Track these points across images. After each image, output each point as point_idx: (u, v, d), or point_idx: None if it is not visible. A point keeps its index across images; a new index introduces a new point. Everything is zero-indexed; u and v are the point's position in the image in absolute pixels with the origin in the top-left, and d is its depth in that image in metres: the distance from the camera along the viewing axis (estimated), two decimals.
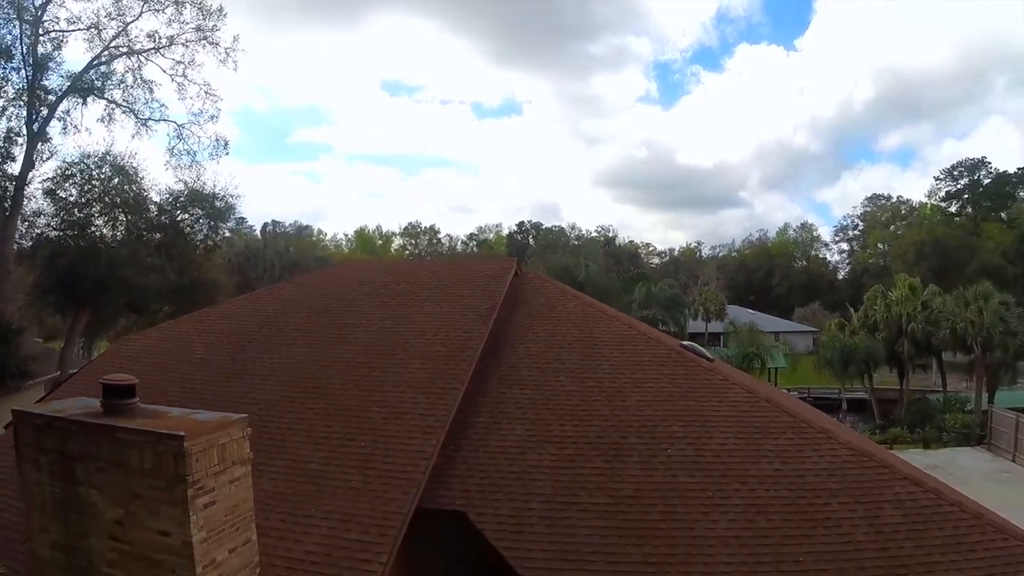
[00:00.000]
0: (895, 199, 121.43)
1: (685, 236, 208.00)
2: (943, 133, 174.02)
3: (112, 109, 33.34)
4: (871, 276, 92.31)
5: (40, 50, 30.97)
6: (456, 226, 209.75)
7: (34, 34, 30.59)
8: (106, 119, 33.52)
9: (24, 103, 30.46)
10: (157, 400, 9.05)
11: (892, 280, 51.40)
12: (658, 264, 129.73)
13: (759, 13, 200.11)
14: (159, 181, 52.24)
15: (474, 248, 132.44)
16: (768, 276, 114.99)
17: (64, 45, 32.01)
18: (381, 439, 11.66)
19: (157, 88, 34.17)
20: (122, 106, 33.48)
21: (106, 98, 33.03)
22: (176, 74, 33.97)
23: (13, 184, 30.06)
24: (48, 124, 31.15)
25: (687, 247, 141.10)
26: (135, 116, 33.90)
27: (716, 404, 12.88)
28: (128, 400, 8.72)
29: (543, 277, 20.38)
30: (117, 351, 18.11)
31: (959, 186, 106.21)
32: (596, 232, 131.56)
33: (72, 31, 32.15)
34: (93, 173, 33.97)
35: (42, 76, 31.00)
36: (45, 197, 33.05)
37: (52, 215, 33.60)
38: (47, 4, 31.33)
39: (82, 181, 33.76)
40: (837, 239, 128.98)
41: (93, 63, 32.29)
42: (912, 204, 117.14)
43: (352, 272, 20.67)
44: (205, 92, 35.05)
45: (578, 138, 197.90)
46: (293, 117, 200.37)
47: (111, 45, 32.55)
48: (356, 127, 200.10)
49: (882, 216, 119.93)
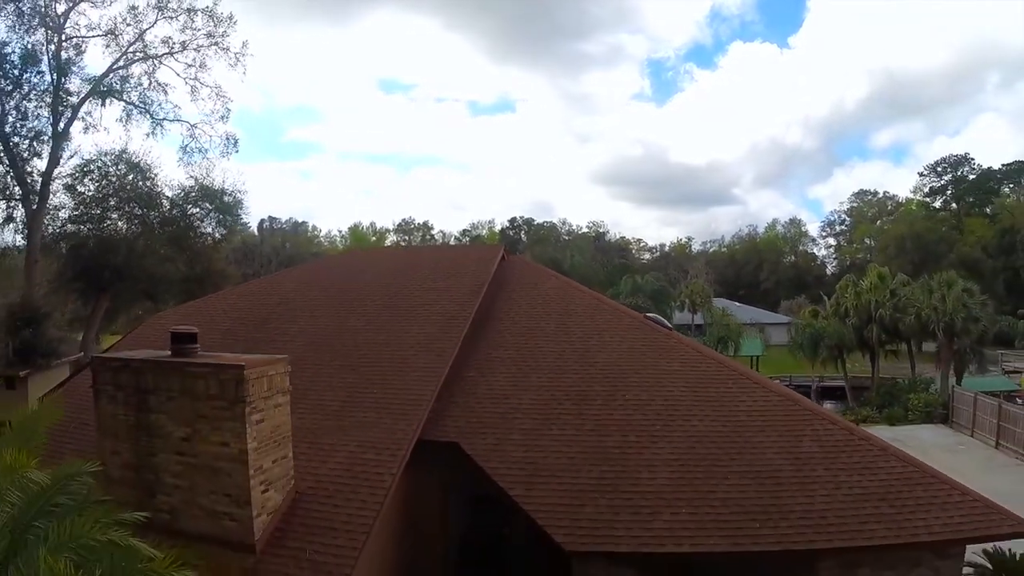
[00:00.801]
0: (881, 195, 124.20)
1: (679, 233, 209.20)
2: (935, 130, 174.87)
3: (130, 110, 35.71)
4: (857, 270, 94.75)
5: (63, 55, 33.25)
6: (449, 223, 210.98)
7: (58, 40, 32.85)
8: (124, 119, 35.89)
9: (49, 105, 32.73)
10: None
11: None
12: (649, 259, 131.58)
13: (753, 11, 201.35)
14: (171, 177, 54.47)
15: (467, 243, 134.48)
16: (757, 271, 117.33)
17: (84, 51, 34.30)
18: (389, 387, 14.09)
19: (171, 90, 36.47)
20: (139, 107, 35.82)
21: (124, 100, 35.38)
22: (189, 77, 36.25)
23: (40, 180, 32.35)
24: (71, 124, 33.45)
25: (678, 243, 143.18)
26: (151, 116, 36.23)
27: (668, 360, 15.36)
28: (191, 345, 11.16)
29: (526, 260, 22.87)
30: (149, 325, 20.39)
31: (942, 182, 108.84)
32: (587, 228, 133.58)
33: (91, 37, 34.49)
34: (109, 170, 36.26)
35: (65, 80, 33.31)
36: (65, 192, 35.35)
37: (72, 209, 35.91)
38: (69, 11, 33.61)
39: (99, 177, 36.03)
40: (824, 234, 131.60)
41: (112, 67, 34.61)
42: (899, 200, 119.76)
43: (357, 258, 23.08)
44: (216, 94, 37.33)
45: (572, 135, 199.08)
46: (287, 115, 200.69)
47: (128, 50, 34.84)
48: (349, 125, 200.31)
49: (869, 211, 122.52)
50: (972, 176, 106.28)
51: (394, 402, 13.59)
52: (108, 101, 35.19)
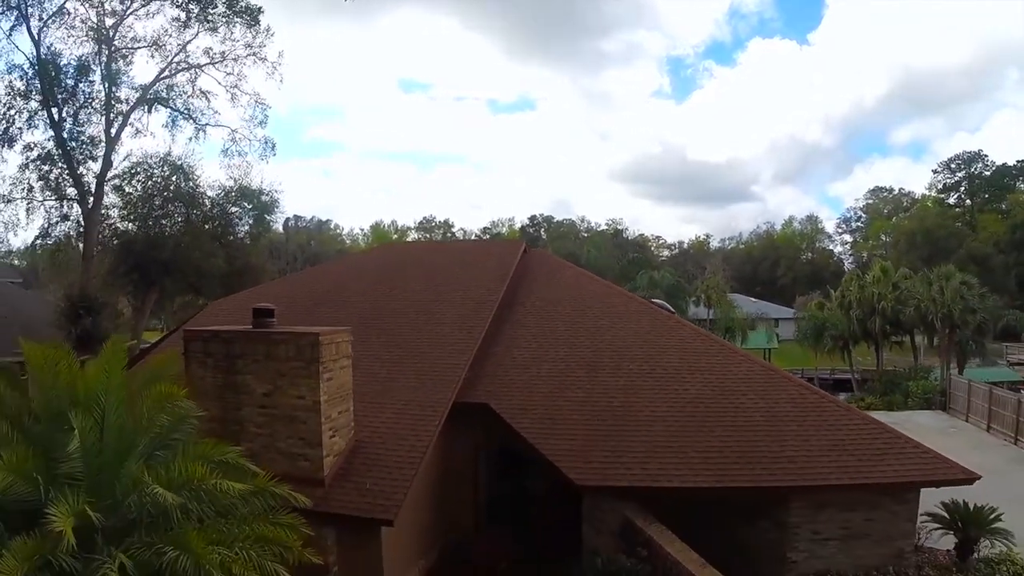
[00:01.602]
0: (897, 191, 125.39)
1: (698, 230, 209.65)
2: (955, 127, 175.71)
3: (175, 116, 38.38)
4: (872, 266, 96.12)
5: (112, 66, 35.91)
6: (470, 221, 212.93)
7: (108, 52, 35.51)
8: (169, 125, 38.58)
9: (102, 112, 35.45)
10: None
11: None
12: (668, 256, 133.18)
13: (772, 8, 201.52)
14: (212, 177, 57.08)
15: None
16: (774, 267, 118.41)
17: (132, 62, 37.00)
18: (428, 360, 16.60)
19: (213, 97, 39.05)
20: (183, 113, 38.48)
21: (170, 107, 38.09)
22: (229, 85, 38.82)
23: (95, 182, 35.13)
24: (123, 130, 36.16)
25: (696, 240, 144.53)
26: (194, 122, 38.86)
27: (668, 337, 17.84)
28: (270, 319, 13.67)
29: (546, 253, 25.40)
30: (211, 311, 22.94)
31: (956, 178, 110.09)
32: (606, 225, 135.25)
33: (137, 48, 37.15)
34: (154, 171, 38.94)
35: (116, 89, 36.02)
36: (114, 192, 38.09)
37: (121, 207, 38.67)
38: (118, 25, 36.28)
39: (145, 178, 38.74)
40: (840, 231, 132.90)
41: (159, 76, 37.29)
42: (914, 196, 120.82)
43: (396, 250, 25.60)
44: (255, 101, 39.88)
45: (592, 133, 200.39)
46: (308, 113, 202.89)
47: (173, 60, 37.51)
48: (370, 123, 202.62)
49: (884, 208, 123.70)
50: (987, 173, 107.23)
51: (433, 371, 16.09)
52: (155, 108, 37.90)
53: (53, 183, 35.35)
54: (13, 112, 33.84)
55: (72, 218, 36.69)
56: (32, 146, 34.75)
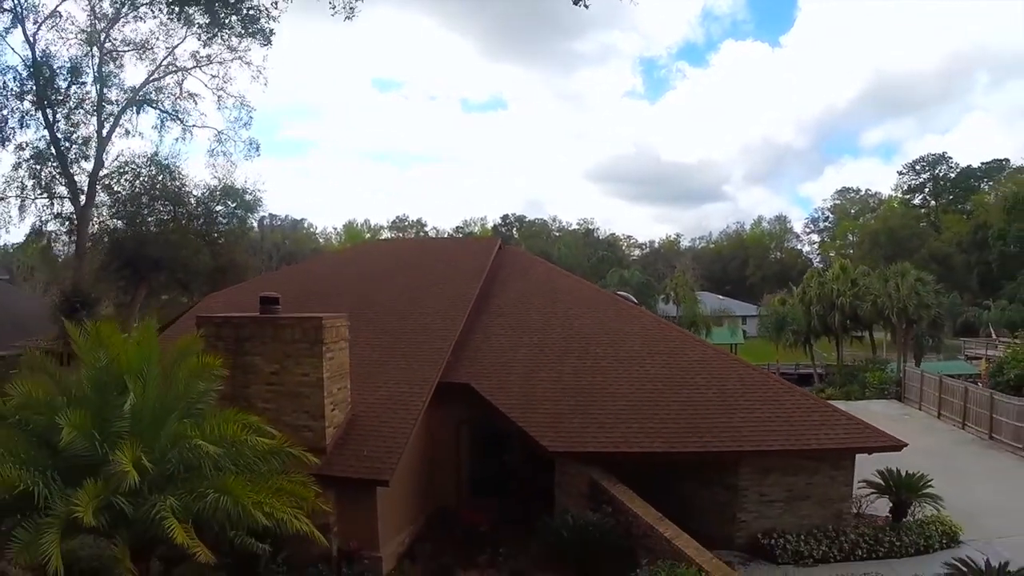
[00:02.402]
0: (864, 192, 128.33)
1: (671, 229, 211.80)
2: (925, 128, 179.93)
3: (164, 117, 39.70)
4: None
5: (103, 68, 37.16)
6: (442, 220, 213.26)
7: (100, 55, 36.76)
8: (158, 126, 39.90)
9: (93, 113, 36.70)
10: None
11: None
12: (639, 255, 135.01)
13: (744, 10, 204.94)
14: (197, 176, 58.07)
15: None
16: (743, 266, 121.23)
17: (122, 65, 38.20)
18: (414, 345, 18.35)
19: (200, 100, 40.36)
20: (171, 115, 39.81)
21: (159, 108, 39.42)
22: (215, 88, 40.13)
23: (87, 180, 36.47)
24: (114, 131, 37.44)
25: (667, 239, 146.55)
26: (182, 123, 40.19)
27: (631, 325, 19.75)
28: (276, 306, 15.35)
29: (520, 250, 27.22)
30: (206, 303, 24.46)
31: (920, 180, 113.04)
32: (577, 224, 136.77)
33: (127, 51, 38.38)
34: (141, 171, 40.17)
35: (106, 90, 37.27)
36: (103, 191, 39.30)
37: (110, 206, 39.92)
38: (109, 28, 37.49)
39: (132, 177, 39.96)
40: (808, 231, 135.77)
41: (148, 79, 38.59)
42: (881, 197, 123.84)
43: (380, 247, 27.27)
44: (240, 103, 41.21)
45: (565, 133, 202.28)
46: (282, 112, 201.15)
47: (162, 63, 38.79)
48: (345, 122, 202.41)
49: (851, 209, 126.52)
50: (951, 175, 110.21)
51: (419, 354, 17.85)
52: (144, 109, 39.23)
53: (44, 182, 36.57)
54: (6, 112, 34.98)
55: (63, 216, 37.95)
56: (24, 146, 35.96)
